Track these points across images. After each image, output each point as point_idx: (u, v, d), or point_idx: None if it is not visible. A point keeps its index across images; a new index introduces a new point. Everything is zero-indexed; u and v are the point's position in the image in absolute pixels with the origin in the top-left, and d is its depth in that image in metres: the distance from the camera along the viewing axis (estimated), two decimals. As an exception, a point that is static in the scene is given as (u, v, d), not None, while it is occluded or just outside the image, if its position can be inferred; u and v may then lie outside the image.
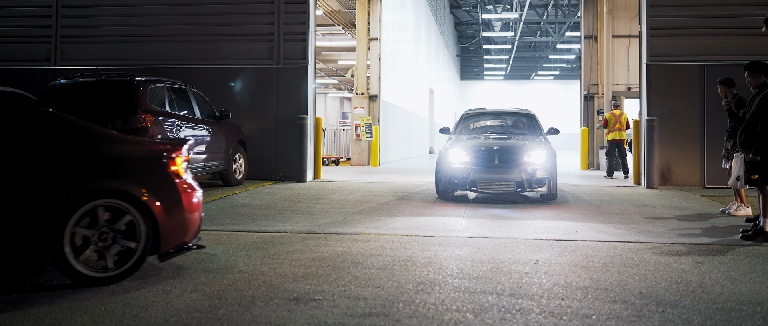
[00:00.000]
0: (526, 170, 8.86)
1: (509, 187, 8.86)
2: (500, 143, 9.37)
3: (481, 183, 8.89)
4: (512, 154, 8.98)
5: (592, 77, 19.12)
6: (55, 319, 3.59)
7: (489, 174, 8.88)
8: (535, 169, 8.90)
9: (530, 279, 4.58)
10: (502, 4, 31.66)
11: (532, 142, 9.50)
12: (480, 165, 8.94)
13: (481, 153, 9.05)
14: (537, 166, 8.92)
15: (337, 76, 35.96)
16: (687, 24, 11.81)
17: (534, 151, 9.03)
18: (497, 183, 8.84)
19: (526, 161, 8.93)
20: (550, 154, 9.15)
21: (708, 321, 3.63)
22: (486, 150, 9.09)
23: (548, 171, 8.97)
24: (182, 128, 9.19)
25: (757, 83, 6.38)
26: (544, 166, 8.95)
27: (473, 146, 9.22)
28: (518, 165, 8.88)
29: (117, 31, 12.89)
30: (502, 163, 8.92)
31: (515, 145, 9.23)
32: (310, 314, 3.71)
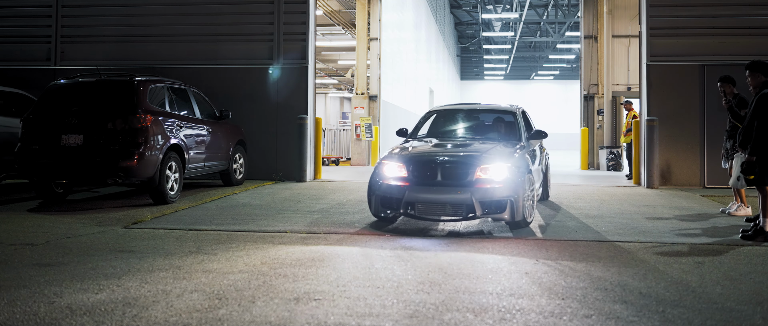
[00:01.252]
0: (478, 189, 6.50)
1: (456, 212, 6.55)
2: (449, 152, 7.18)
3: (420, 206, 6.61)
4: (460, 168, 6.68)
5: (592, 77, 19.11)
6: (55, 319, 3.59)
7: (429, 194, 6.59)
8: (493, 188, 6.51)
9: (530, 279, 4.58)
10: (502, 4, 31.65)
11: (497, 149, 7.10)
12: (418, 183, 6.69)
13: (420, 166, 6.78)
14: (495, 184, 6.52)
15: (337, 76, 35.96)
16: (687, 24, 11.81)
17: (493, 164, 6.64)
18: (439, 207, 6.58)
19: (481, 177, 6.59)
20: (516, 167, 6.75)
21: (708, 321, 3.63)
22: (426, 162, 6.81)
23: (511, 190, 6.51)
24: (182, 128, 9.19)
25: (757, 83, 6.39)
26: (505, 184, 6.53)
27: (413, 156, 6.96)
28: (468, 183, 6.56)
29: (117, 31, 12.89)
30: (447, 180, 6.64)
31: (467, 155, 6.88)
32: (311, 314, 3.71)
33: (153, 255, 5.39)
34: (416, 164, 6.84)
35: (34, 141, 8.43)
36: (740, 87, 7.77)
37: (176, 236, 6.29)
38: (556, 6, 33.13)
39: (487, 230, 6.86)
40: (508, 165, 6.72)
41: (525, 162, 7.06)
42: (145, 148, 8.25)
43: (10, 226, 6.83)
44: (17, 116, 9.74)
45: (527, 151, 7.57)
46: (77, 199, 9.27)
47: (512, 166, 6.74)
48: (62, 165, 8.26)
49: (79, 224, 6.99)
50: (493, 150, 7.10)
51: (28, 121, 8.56)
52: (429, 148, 7.40)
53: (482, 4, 33.62)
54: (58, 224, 6.98)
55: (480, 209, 6.50)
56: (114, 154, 8.14)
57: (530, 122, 8.92)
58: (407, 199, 6.66)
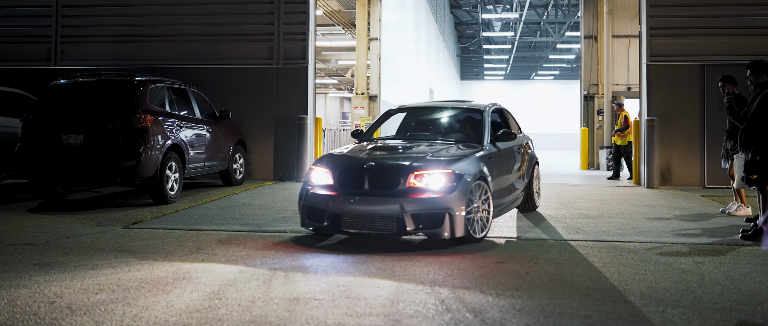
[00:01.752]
0: (411, 200, 5.58)
1: (385, 226, 5.62)
2: (381, 156, 6.32)
3: (347, 219, 5.72)
4: (390, 174, 5.78)
5: (592, 77, 19.11)
6: (55, 319, 3.59)
7: (355, 206, 5.70)
8: (428, 198, 5.60)
9: (531, 279, 4.58)
10: (502, 4, 31.64)
11: (441, 153, 6.24)
12: (345, 191, 5.83)
13: (346, 172, 5.94)
14: (432, 194, 5.62)
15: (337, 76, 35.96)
16: (687, 24, 11.80)
17: (429, 170, 5.73)
18: (367, 220, 5.67)
19: (415, 185, 5.66)
20: (461, 173, 5.80)
21: (708, 321, 3.64)
22: (353, 167, 5.97)
23: (451, 201, 5.60)
24: (182, 128, 9.19)
25: (758, 82, 6.38)
26: (444, 193, 5.62)
27: (341, 161, 6.16)
28: (398, 192, 5.65)
29: (117, 31, 12.88)
30: (376, 188, 5.75)
31: (399, 159, 6.02)
32: (311, 314, 3.71)
33: (153, 255, 5.39)
34: (343, 170, 5.98)
35: (34, 141, 8.43)
36: (740, 87, 7.76)
37: (176, 236, 6.29)
38: (556, 6, 33.12)
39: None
40: (448, 172, 5.75)
41: (475, 167, 6.01)
42: (145, 148, 8.25)
43: (10, 226, 6.83)
44: (17, 116, 9.74)
45: (487, 154, 6.48)
46: (77, 199, 9.27)
47: (455, 173, 5.77)
48: (62, 166, 8.26)
49: (79, 224, 6.99)
50: (435, 153, 6.20)
51: (28, 121, 8.56)
52: (361, 151, 6.51)
53: (482, 4, 33.61)
54: (58, 224, 6.98)
55: (412, 223, 5.53)
56: (114, 154, 8.14)
57: (508, 122, 7.86)
58: (332, 210, 5.75)
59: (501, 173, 6.73)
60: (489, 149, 6.64)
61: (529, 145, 8.22)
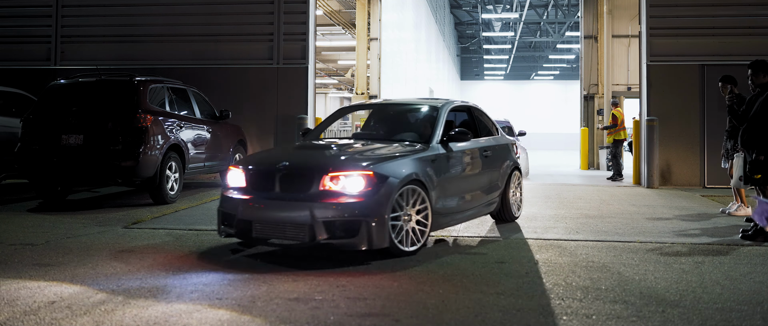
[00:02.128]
0: (323, 205, 4.98)
1: (296, 235, 5.03)
2: (298, 156, 5.80)
3: (258, 225, 5.15)
4: (301, 176, 5.19)
5: (592, 77, 19.12)
6: (55, 319, 3.59)
7: (265, 212, 5.17)
8: (344, 204, 4.97)
9: (531, 279, 4.57)
10: (502, 4, 31.64)
11: (374, 153, 5.60)
12: (257, 196, 5.28)
13: (257, 173, 5.38)
14: (349, 198, 5.00)
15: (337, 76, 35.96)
16: (687, 24, 11.80)
17: (346, 171, 5.09)
18: (278, 228, 5.10)
19: (329, 188, 5.06)
20: (386, 175, 5.13)
21: (708, 321, 3.63)
22: (265, 168, 5.40)
23: (371, 207, 4.96)
24: (182, 128, 9.19)
25: (759, 82, 6.38)
26: (364, 198, 5.00)
27: (255, 161, 5.67)
28: (310, 196, 5.06)
29: (117, 31, 12.88)
30: (287, 192, 5.17)
31: (313, 159, 5.50)
32: (311, 314, 3.71)
33: (153, 255, 5.38)
34: (255, 171, 5.39)
35: (34, 141, 8.43)
36: (741, 87, 7.76)
37: (176, 236, 6.28)
38: (556, 6, 33.13)
39: None
40: (368, 173, 5.06)
41: (407, 169, 5.31)
42: (145, 148, 8.25)
43: (10, 226, 6.83)
44: (17, 116, 9.73)
45: (431, 156, 5.72)
46: (77, 199, 9.27)
47: (378, 174, 5.09)
48: (62, 165, 8.25)
49: (79, 224, 6.98)
50: (362, 153, 5.61)
51: (28, 121, 8.56)
52: (286, 151, 6.15)
53: (482, 4, 33.61)
54: (58, 224, 6.98)
55: (323, 232, 4.92)
56: (114, 154, 8.13)
57: (478, 123, 7.10)
58: (241, 216, 5.22)
59: (453, 178, 5.99)
60: (436, 150, 5.87)
61: (508, 148, 7.35)
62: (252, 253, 5.49)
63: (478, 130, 6.98)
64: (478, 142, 6.66)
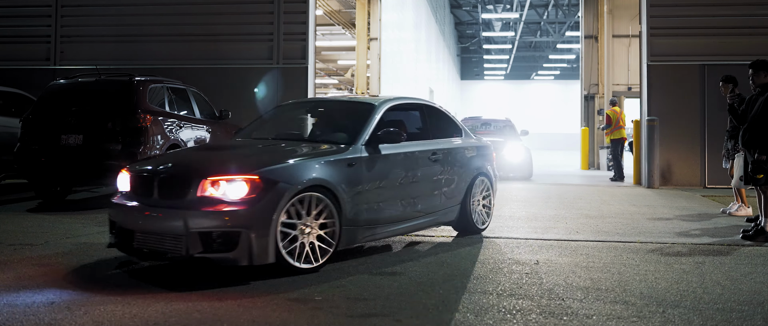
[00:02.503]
0: (197, 214, 4.40)
1: (175, 247, 4.43)
2: (186, 158, 5.52)
3: (140, 235, 4.62)
4: (180, 181, 4.61)
5: (593, 77, 19.11)
6: (55, 319, 3.58)
7: (141, 220, 4.66)
8: (221, 212, 4.37)
9: (531, 279, 4.57)
10: (502, 4, 31.63)
11: (271, 154, 5.18)
12: (138, 202, 4.76)
13: (139, 177, 4.85)
14: (228, 206, 4.39)
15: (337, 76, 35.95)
16: (687, 24, 11.80)
17: (228, 175, 4.51)
18: (157, 239, 4.53)
19: (210, 195, 4.46)
20: (276, 181, 4.52)
21: (709, 321, 3.63)
22: (147, 171, 4.85)
23: (250, 217, 4.37)
24: (182, 128, 9.18)
25: (760, 82, 6.37)
26: (247, 206, 4.40)
27: (144, 163, 5.13)
28: (187, 204, 4.48)
29: (117, 31, 12.88)
30: (165, 198, 4.62)
31: (192, 162, 5.07)
32: (310, 314, 3.70)
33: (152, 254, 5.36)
34: (138, 175, 4.84)
35: (34, 141, 8.42)
36: (741, 86, 7.75)
37: (176, 236, 6.26)
38: (556, 6, 33.12)
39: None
40: (253, 178, 4.47)
41: (307, 173, 4.70)
42: (145, 148, 8.24)
43: (10, 226, 6.82)
44: (17, 116, 9.73)
45: (348, 158, 5.07)
46: (77, 199, 9.26)
47: (266, 179, 4.49)
48: (62, 166, 8.25)
49: (78, 224, 6.97)
50: (256, 154, 5.16)
51: (28, 121, 8.55)
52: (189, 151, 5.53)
53: (482, 4, 33.60)
54: (58, 224, 6.97)
55: (198, 244, 4.34)
56: (114, 154, 8.12)
57: (432, 123, 6.42)
58: (121, 224, 4.75)
59: (381, 185, 5.30)
60: (357, 152, 5.18)
61: (474, 152, 6.59)
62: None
63: (429, 130, 6.24)
64: (424, 145, 5.97)
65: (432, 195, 5.92)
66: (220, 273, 4.68)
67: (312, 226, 4.70)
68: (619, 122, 14.26)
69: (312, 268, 4.63)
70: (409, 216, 5.64)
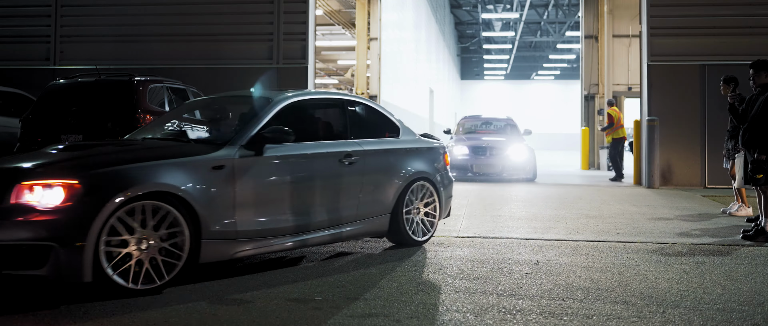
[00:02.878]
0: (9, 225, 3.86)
1: None
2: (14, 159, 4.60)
3: None
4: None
5: (593, 77, 19.11)
6: (54, 319, 3.58)
7: None
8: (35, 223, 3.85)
9: (531, 280, 4.56)
10: (502, 4, 31.63)
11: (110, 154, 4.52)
12: None
13: None
14: (43, 215, 3.85)
15: (337, 76, 35.97)
16: (688, 24, 11.79)
17: (42, 179, 3.95)
18: None
19: (26, 201, 3.90)
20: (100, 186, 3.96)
21: (709, 321, 3.62)
22: None
23: (60, 228, 3.81)
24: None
25: (760, 82, 6.37)
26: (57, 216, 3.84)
27: None
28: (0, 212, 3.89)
29: (117, 31, 12.87)
30: None
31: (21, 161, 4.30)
32: (310, 314, 3.69)
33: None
34: None
35: (34, 141, 8.41)
36: (742, 87, 7.75)
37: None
38: (556, 6, 33.12)
39: None
40: (72, 183, 3.91)
41: (151, 177, 4.10)
42: (145, 148, 8.22)
43: (9, 226, 6.80)
44: (16, 116, 9.73)
45: (214, 159, 4.45)
46: (77, 199, 9.24)
47: (87, 184, 3.92)
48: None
49: (78, 224, 6.95)
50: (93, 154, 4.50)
51: (27, 121, 8.54)
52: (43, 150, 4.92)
53: (482, 4, 33.61)
54: (58, 224, 6.95)
55: (6, 259, 3.83)
56: (113, 154, 8.11)
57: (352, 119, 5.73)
58: None
59: (265, 191, 4.69)
60: (231, 154, 4.54)
61: (411, 154, 5.87)
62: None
63: (349, 129, 5.56)
64: (334, 146, 5.28)
65: (345, 203, 5.19)
66: (220, 273, 4.67)
67: (151, 240, 4.05)
68: (619, 121, 14.28)
69: (151, 288, 4.03)
70: (312, 227, 4.93)
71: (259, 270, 4.84)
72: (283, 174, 4.85)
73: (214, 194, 4.35)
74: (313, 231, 4.97)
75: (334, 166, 5.20)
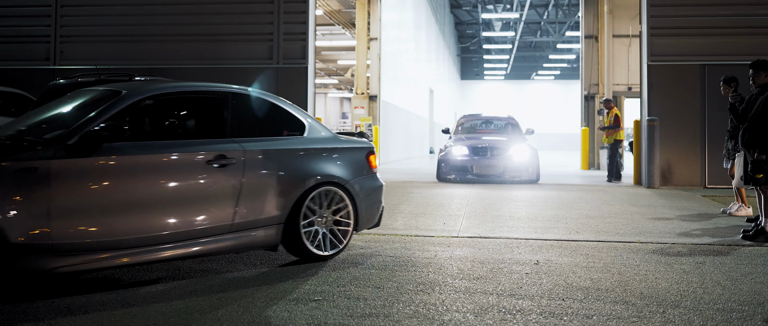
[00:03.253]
0: None
1: None
2: None
3: None
4: None
5: (593, 77, 19.10)
6: (55, 319, 3.58)
7: None
8: None
9: (531, 280, 4.56)
10: (502, 4, 31.63)
11: None
12: None
13: None
14: None
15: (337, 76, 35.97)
16: (688, 24, 11.79)
17: None
18: None
19: None
20: None
21: (709, 321, 3.62)
22: None
23: None
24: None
25: (760, 82, 6.37)
26: None
27: None
28: None
29: (117, 31, 12.87)
30: None
31: None
32: (310, 314, 3.70)
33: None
34: None
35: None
36: (742, 87, 7.75)
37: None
38: (556, 6, 33.12)
39: None
40: None
41: None
42: (145, 148, 8.20)
43: (10, 226, 6.80)
44: (16, 116, 9.72)
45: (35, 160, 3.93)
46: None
47: None
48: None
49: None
50: None
51: (28, 121, 8.52)
52: None
53: (482, 4, 33.61)
54: (58, 224, 6.95)
55: None
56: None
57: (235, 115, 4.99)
58: None
59: (91, 200, 4.10)
60: (48, 154, 3.98)
61: (313, 154, 5.19)
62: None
63: (227, 126, 4.90)
64: (200, 146, 4.61)
65: (215, 212, 4.54)
66: (220, 273, 4.68)
67: None
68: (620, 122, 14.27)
69: None
70: (161, 240, 4.31)
71: (259, 269, 4.84)
72: (121, 178, 4.22)
73: (20, 201, 3.80)
74: (161, 244, 4.31)
75: (198, 170, 4.53)
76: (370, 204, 5.48)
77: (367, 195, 5.45)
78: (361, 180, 5.41)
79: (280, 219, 4.83)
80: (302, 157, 5.11)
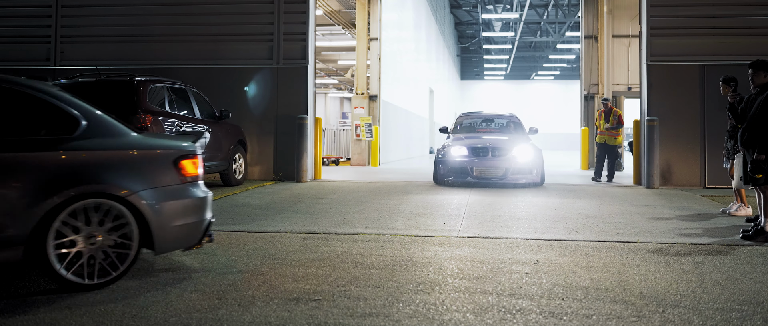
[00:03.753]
0: None
1: None
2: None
3: None
4: None
5: (593, 77, 19.11)
6: (55, 319, 3.59)
7: None
8: None
9: (530, 279, 4.57)
10: (502, 4, 31.63)
11: None
12: None
13: None
14: None
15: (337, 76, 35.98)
16: (687, 24, 11.80)
17: None
18: None
19: None
20: None
21: (708, 321, 3.63)
22: None
23: None
24: (182, 128, 9.18)
25: (759, 82, 6.38)
26: None
27: None
28: None
29: (117, 31, 12.89)
30: None
31: None
32: (310, 314, 3.70)
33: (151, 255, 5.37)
34: None
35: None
36: (741, 87, 7.76)
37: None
38: (556, 6, 33.12)
39: None
40: None
41: None
42: (145, 148, 8.21)
43: (10, 226, 6.81)
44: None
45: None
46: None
47: None
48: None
49: (78, 224, 6.96)
50: None
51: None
52: None
53: (482, 4, 33.61)
54: (58, 224, 6.96)
55: None
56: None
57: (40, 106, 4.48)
58: None
59: None
60: None
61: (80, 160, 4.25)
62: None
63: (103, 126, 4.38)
64: None
65: None
66: (220, 274, 4.68)
67: None
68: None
69: None
70: None
71: (259, 269, 4.85)
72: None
73: None
74: None
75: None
76: (174, 221, 4.45)
77: (171, 210, 4.43)
78: (157, 191, 4.39)
79: (15, 240, 3.92)
80: (58, 164, 4.13)
